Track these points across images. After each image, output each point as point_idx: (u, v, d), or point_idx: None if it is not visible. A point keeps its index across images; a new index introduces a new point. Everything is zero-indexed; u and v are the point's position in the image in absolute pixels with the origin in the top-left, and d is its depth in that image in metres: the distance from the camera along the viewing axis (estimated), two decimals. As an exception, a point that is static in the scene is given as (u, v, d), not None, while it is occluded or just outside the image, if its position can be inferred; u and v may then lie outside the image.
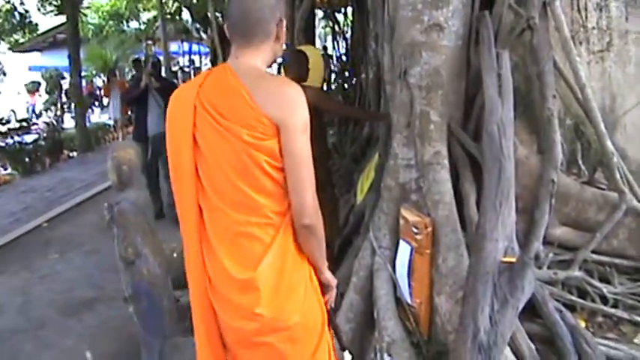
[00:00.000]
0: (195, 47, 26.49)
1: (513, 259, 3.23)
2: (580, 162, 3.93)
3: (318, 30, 18.00)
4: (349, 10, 12.09)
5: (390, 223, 3.96)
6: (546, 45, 3.58)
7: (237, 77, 2.40)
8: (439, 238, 3.61)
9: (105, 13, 23.89)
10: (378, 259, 3.94)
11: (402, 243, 3.81)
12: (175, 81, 20.69)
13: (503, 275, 3.19)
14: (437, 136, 3.72)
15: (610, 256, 3.87)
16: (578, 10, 3.79)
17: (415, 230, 3.64)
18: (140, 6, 21.14)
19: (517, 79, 3.73)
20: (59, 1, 17.85)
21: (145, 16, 23.89)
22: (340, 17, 14.19)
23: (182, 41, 23.89)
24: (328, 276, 2.59)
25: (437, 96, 3.71)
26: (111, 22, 23.73)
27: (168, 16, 21.03)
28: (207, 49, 26.45)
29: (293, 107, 2.32)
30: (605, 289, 3.79)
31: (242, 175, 2.39)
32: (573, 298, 3.81)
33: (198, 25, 21.82)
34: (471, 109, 3.86)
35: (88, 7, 22.47)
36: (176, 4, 20.88)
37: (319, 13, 14.15)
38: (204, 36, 22.21)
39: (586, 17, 3.76)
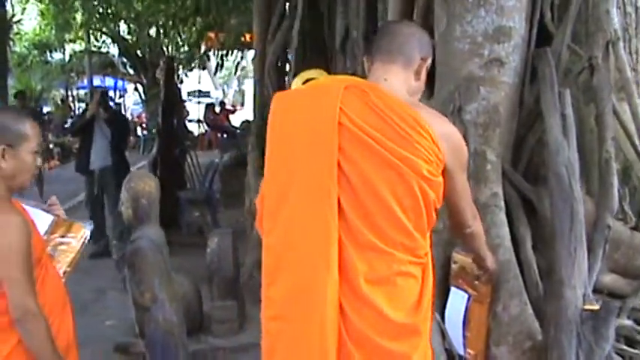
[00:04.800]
0: (119, 83, 25.81)
1: (596, 307, 3.07)
2: (627, 207, 3.83)
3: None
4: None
5: (437, 269, 3.72)
6: (607, 85, 3.49)
7: (405, 103, 2.20)
8: (500, 284, 3.41)
9: (28, 43, 23.00)
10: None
11: (454, 290, 3.57)
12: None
13: (586, 324, 3.02)
14: (494, 176, 3.54)
15: (657, 305, 3.78)
16: (630, 53, 3.74)
17: (476, 277, 3.42)
18: (67, 37, 20.47)
19: (571, 119, 3.63)
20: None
21: (71, 47, 23.18)
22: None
23: (104, 75, 23.23)
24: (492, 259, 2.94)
25: (494, 134, 3.54)
26: (35, 52, 22.84)
27: (94, 49, 20.44)
28: (129, 86, 25.92)
29: (462, 145, 2.34)
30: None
31: (410, 213, 2.15)
32: (623, 347, 3.67)
33: (125, 60, 21.29)
34: (520, 149, 3.72)
35: (17, 34, 21.58)
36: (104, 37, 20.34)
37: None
38: (131, 71, 21.70)
39: (637, 60, 3.70)
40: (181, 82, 20.19)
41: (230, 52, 14.96)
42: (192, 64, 20.47)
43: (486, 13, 3.44)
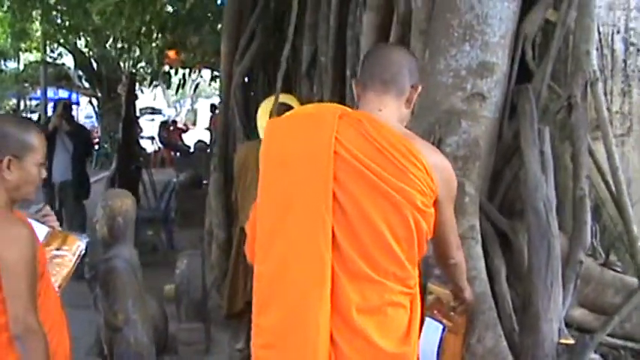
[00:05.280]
0: (73, 96, 25.38)
1: (571, 341, 3.12)
2: (596, 244, 3.91)
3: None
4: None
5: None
6: (584, 124, 3.57)
7: (400, 135, 2.21)
8: (475, 316, 3.43)
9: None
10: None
11: (429, 320, 3.58)
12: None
13: (562, 357, 3.08)
14: (471, 209, 3.58)
15: (623, 339, 3.85)
16: (605, 94, 3.84)
17: (452, 308, 3.44)
18: (23, 46, 20.05)
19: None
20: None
21: (26, 57, 22.71)
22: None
23: (58, 87, 22.83)
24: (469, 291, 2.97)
25: (474, 167, 3.58)
26: (-13, 61, 22.33)
27: (50, 60, 20.08)
28: (82, 99, 25.49)
29: (453, 177, 2.37)
30: (620, 373, 3.75)
31: (404, 244, 2.17)
32: (590, 382, 3.73)
33: (80, 73, 20.96)
34: (496, 183, 3.78)
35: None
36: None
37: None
38: (86, 85, 21.36)
39: (611, 101, 3.81)
40: (136, 98, 19.91)
41: (192, 70, 14.89)
42: (156, 82, 20.25)
43: (471, 48, 3.51)
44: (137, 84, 19.83)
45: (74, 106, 26.34)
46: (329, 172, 2.18)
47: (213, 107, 23.26)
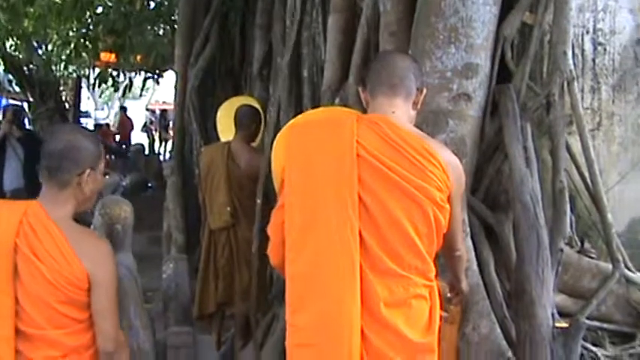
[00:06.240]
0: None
1: (566, 324, 3.32)
2: (572, 233, 4.14)
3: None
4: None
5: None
6: (562, 121, 3.78)
7: (416, 134, 2.34)
8: (470, 306, 3.60)
9: None
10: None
11: (425, 311, 3.74)
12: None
13: (557, 340, 3.27)
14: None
15: (600, 321, 4.09)
16: (576, 91, 4.07)
17: (448, 299, 3.60)
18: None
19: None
20: None
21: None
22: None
23: (-16, 94, 22.01)
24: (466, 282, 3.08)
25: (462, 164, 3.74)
26: None
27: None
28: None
29: (463, 174, 2.58)
30: (599, 352, 3.99)
31: (424, 239, 2.30)
32: (571, 362, 3.96)
33: (10, 77, 20.28)
34: (479, 178, 3.95)
35: None
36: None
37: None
38: (17, 89, 20.69)
39: (582, 98, 4.03)
40: (68, 101, 19.60)
41: (137, 73, 14.71)
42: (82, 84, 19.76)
43: (456, 50, 3.66)
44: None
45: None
46: (353, 175, 2.30)
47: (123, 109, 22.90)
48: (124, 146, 21.19)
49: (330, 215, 2.31)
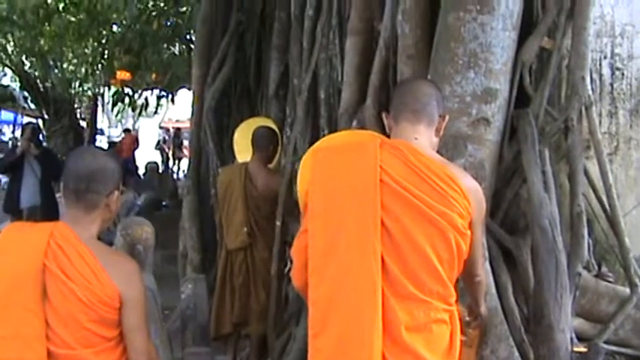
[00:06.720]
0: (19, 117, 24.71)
1: (584, 349, 3.32)
2: (589, 257, 4.15)
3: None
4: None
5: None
6: (580, 145, 3.81)
7: (438, 161, 2.37)
8: (488, 329, 3.61)
9: None
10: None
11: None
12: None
13: (576, 365, 3.28)
14: (480, 227, 3.77)
15: (617, 345, 4.08)
16: (594, 116, 4.10)
17: (467, 323, 3.61)
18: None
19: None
20: None
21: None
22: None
23: (1, 109, 22.22)
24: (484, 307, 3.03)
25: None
26: None
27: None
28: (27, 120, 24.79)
29: (483, 200, 2.57)
30: (617, 378, 3.99)
31: (446, 264, 2.32)
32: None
33: (26, 94, 20.49)
34: (498, 202, 3.97)
35: None
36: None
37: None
38: (32, 106, 20.88)
39: (599, 122, 4.06)
40: (83, 119, 19.76)
41: (151, 91, 14.87)
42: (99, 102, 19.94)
43: (475, 75, 3.70)
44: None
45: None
46: (376, 200, 2.33)
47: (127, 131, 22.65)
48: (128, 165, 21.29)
49: (352, 240, 2.34)
